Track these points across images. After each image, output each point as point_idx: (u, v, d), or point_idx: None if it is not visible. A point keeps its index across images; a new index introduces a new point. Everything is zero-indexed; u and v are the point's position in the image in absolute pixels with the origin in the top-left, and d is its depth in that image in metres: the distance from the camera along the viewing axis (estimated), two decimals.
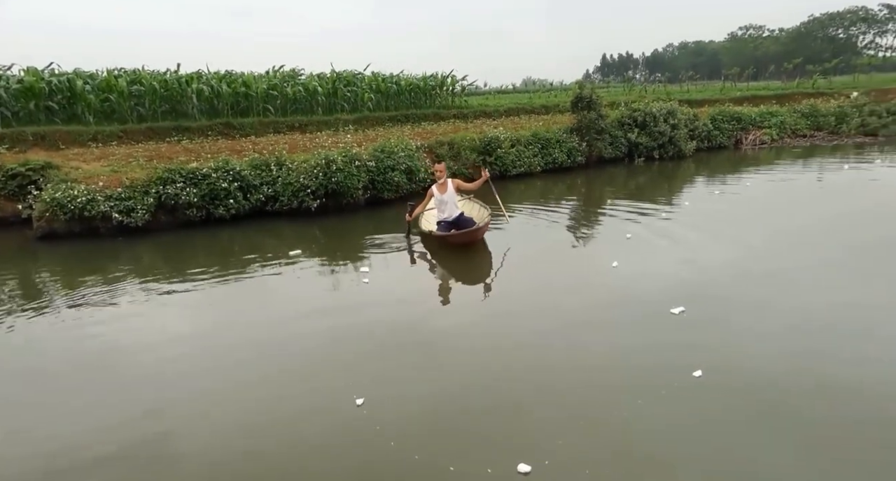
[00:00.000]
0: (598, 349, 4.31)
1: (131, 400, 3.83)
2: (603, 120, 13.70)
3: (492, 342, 4.53)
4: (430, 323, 5.02)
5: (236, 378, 4.12)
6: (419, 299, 5.67)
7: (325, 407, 3.65)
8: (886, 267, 5.83)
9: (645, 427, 3.29)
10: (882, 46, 77.48)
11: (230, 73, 16.83)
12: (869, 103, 18.83)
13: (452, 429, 3.37)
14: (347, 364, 4.25)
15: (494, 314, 5.20)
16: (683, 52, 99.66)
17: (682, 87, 32.85)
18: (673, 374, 3.80)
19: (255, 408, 3.69)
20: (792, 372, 3.80)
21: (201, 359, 4.45)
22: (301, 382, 4.02)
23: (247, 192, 9.02)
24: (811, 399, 3.51)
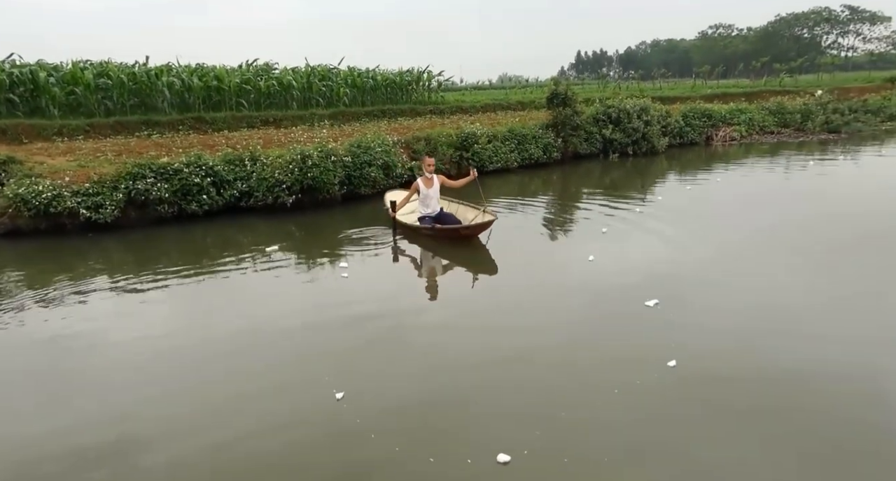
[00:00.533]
0: (576, 341, 4.38)
1: (97, 402, 3.74)
2: (578, 116, 13.84)
3: (470, 336, 4.56)
4: (409, 317, 5.02)
5: (211, 375, 4.06)
6: (398, 293, 5.67)
7: (304, 402, 3.63)
8: (853, 262, 6.05)
9: (621, 416, 3.36)
10: (844, 46, 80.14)
11: (201, 67, 16.47)
12: (832, 101, 19.45)
13: (432, 422, 3.39)
14: (327, 358, 4.23)
15: (472, 308, 5.23)
16: (656, 49, 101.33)
17: (655, 85, 33.42)
18: (648, 365, 3.88)
19: (232, 405, 3.64)
20: (763, 363, 3.92)
21: (174, 358, 4.35)
22: (279, 378, 3.98)
23: (220, 188, 8.85)
24: (780, 388, 3.62)
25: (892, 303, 4.87)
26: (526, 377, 3.85)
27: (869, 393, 3.52)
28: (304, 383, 3.88)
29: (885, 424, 3.22)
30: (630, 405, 3.46)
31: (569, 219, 8.63)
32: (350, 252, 7.03)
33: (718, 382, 3.68)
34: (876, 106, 20.21)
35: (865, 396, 3.50)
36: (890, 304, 4.83)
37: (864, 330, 4.36)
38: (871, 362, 3.88)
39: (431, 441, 3.20)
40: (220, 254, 7.17)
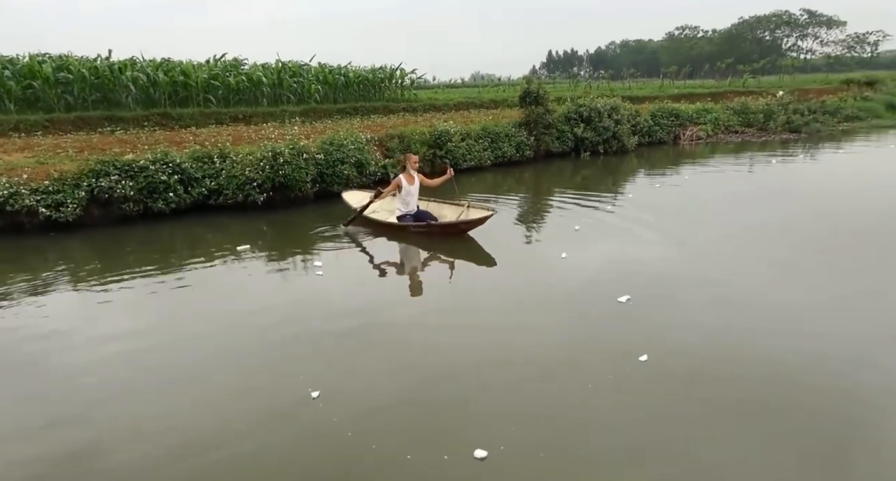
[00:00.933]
0: (549, 338, 4.42)
1: (57, 407, 3.62)
2: (550, 115, 13.98)
3: (444, 334, 4.57)
4: (384, 315, 4.99)
5: (180, 377, 3.96)
6: (373, 291, 5.64)
7: (279, 402, 3.58)
8: (820, 256, 6.28)
9: (595, 411, 3.41)
10: (803, 49, 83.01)
11: (167, 61, 16.02)
12: (793, 102, 20.11)
13: (409, 419, 3.38)
14: (301, 357, 4.19)
15: (446, 306, 5.24)
16: (625, 50, 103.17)
17: (625, 84, 34.00)
18: (620, 360, 3.95)
19: (202, 406, 3.58)
20: (733, 356, 4.03)
21: (140, 360, 4.23)
22: (252, 378, 3.92)
23: (188, 186, 8.64)
24: (749, 383, 3.73)
25: (863, 296, 5.05)
26: (500, 374, 3.87)
27: (838, 386, 3.65)
28: (279, 383, 3.83)
29: (849, 416, 3.35)
30: (604, 399, 3.52)
31: (542, 216, 8.71)
32: (324, 250, 6.95)
33: (689, 376, 3.78)
34: (833, 107, 20.98)
35: (834, 389, 3.63)
36: (860, 298, 5.01)
37: (820, 320, 4.53)
38: (832, 354, 4.03)
39: (408, 438, 3.19)
40: (188, 253, 7.00)
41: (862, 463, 2.95)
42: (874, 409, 3.38)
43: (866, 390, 3.56)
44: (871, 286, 5.25)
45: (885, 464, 2.94)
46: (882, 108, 22.83)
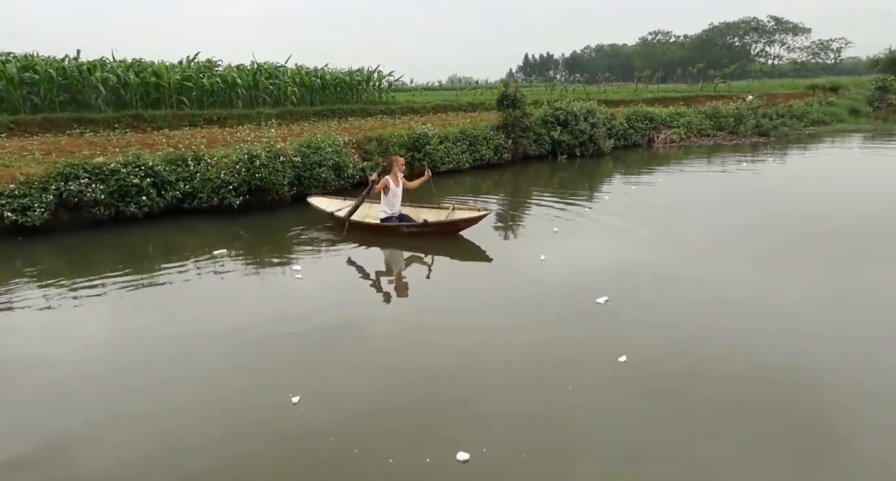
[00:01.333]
0: (529, 340, 4.44)
1: (24, 416, 3.51)
2: (527, 118, 14.09)
3: (424, 337, 4.56)
4: (363, 318, 4.96)
5: (155, 385, 3.87)
6: (353, 295, 5.59)
7: (258, 408, 3.53)
8: (787, 257, 6.44)
9: (575, 412, 3.44)
10: (770, 55, 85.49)
11: (139, 62, 15.65)
12: (762, 106, 20.67)
13: (390, 423, 3.37)
14: (282, 362, 4.14)
15: (426, 309, 5.23)
16: (600, 54, 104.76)
17: (600, 88, 34.49)
18: (599, 361, 4.00)
19: (180, 415, 3.50)
20: (709, 356, 4.11)
21: (114, 368, 4.12)
22: (231, 384, 3.86)
23: (161, 189, 8.46)
24: (728, 382, 3.81)
25: (838, 296, 5.20)
26: (482, 376, 3.89)
27: (808, 383, 3.76)
28: (258, 388, 3.77)
29: (810, 410, 3.45)
30: (584, 400, 3.55)
31: (521, 219, 8.77)
32: (303, 253, 6.89)
33: (666, 376, 3.84)
34: (800, 111, 21.63)
35: (805, 385, 3.73)
36: (836, 298, 5.16)
37: (794, 319, 4.66)
38: (808, 352, 4.14)
39: (390, 441, 3.17)
40: (162, 258, 6.86)
41: (827, 463, 3.04)
42: (844, 407, 3.48)
43: (840, 387, 3.68)
44: (848, 285, 5.42)
45: (860, 461, 3.03)
46: (845, 112, 23.66)
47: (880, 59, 40.14)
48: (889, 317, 4.72)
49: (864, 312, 4.79)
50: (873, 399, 3.52)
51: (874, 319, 4.65)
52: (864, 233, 7.23)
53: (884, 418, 3.34)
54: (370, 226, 7.57)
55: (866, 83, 30.84)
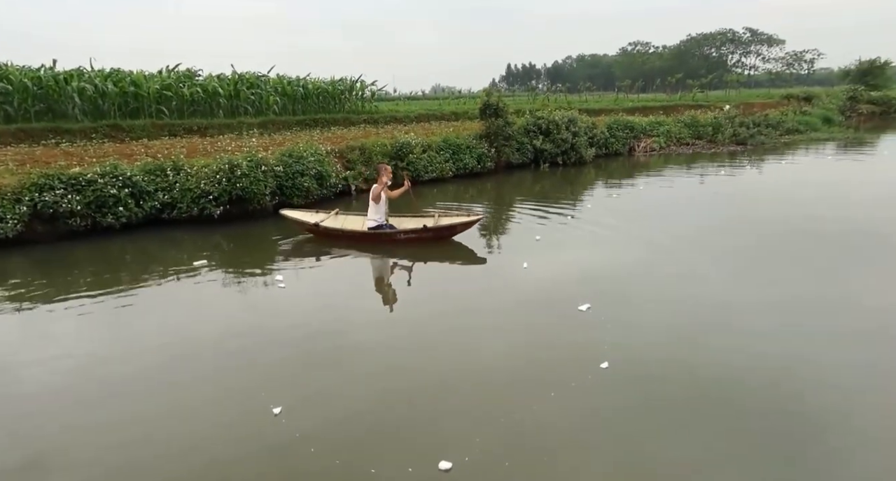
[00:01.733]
0: (512, 348, 4.45)
1: (5, 430, 3.40)
2: (510, 127, 14.19)
3: (408, 345, 4.54)
4: (346, 327, 4.92)
5: (134, 398, 3.79)
6: (334, 303, 5.54)
7: (241, 420, 3.49)
8: (763, 264, 6.55)
9: (559, 418, 3.44)
10: (746, 65, 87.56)
11: (117, 71, 15.48)
12: (738, 116, 21.10)
13: (372, 433, 3.33)
14: (263, 373, 4.09)
15: (408, 318, 5.21)
16: (581, 64, 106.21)
17: (581, 97, 34.98)
18: (582, 367, 4.01)
19: (161, 427, 3.43)
20: (690, 361, 4.15)
21: (91, 381, 4.05)
22: (211, 395, 3.81)
23: (140, 199, 8.33)
24: (705, 387, 3.84)
25: (813, 299, 5.29)
26: (463, 385, 3.88)
27: (790, 387, 3.80)
28: (239, 400, 3.72)
29: (807, 413, 3.49)
30: (566, 407, 3.55)
31: (503, 227, 8.80)
32: (285, 262, 6.83)
33: (648, 381, 3.86)
34: (776, 120, 22.12)
35: (785, 389, 3.78)
36: (810, 301, 5.24)
37: (787, 328, 4.72)
38: (795, 355, 4.20)
39: (372, 451, 3.14)
40: (141, 269, 6.74)
41: (806, 459, 3.08)
42: (822, 407, 3.53)
43: (830, 390, 3.73)
44: (827, 287, 5.52)
45: (833, 459, 3.07)
46: (819, 121, 24.24)
47: (850, 70, 41.45)
48: (867, 316, 4.81)
49: (844, 312, 4.88)
50: (857, 399, 3.58)
51: (854, 318, 4.74)
52: (840, 236, 7.39)
53: (871, 421, 3.39)
54: (367, 235, 7.48)
55: (838, 93, 31.74)
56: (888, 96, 34.45)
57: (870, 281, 5.75)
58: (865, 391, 3.70)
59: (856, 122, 28.23)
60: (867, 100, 32.27)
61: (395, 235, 7.43)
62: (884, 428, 3.33)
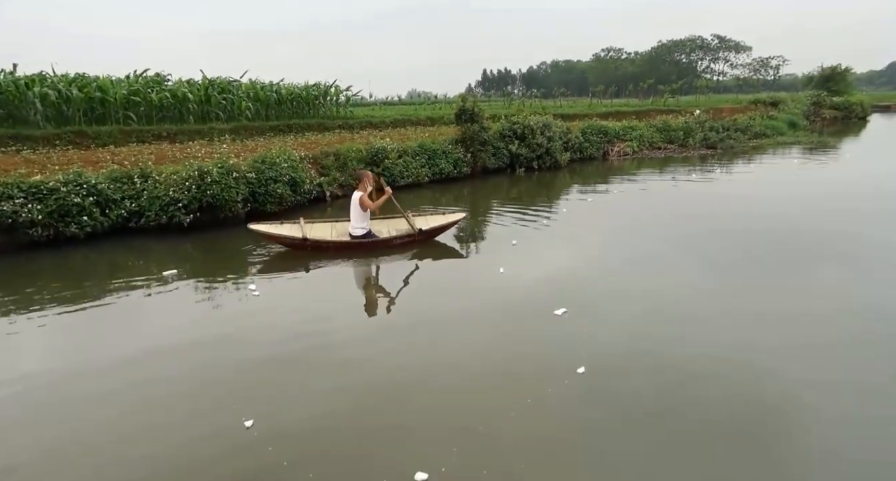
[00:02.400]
0: (489, 354, 4.40)
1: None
2: (485, 132, 14.23)
3: (383, 354, 4.46)
4: (319, 338, 4.80)
5: (101, 412, 3.66)
6: (308, 314, 5.41)
7: (210, 433, 3.39)
8: (744, 268, 6.64)
9: (535, 425, 3.41)
10: (715, 71, 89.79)
11: (82, 76, 15.03)
12: (708, 120, 21.57)
13: (346, 445, 3.26)
14: (234, 385, 3.98)
15: (385, 326, 5.13)
16: (555, 69, 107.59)
17: (556, 103, 35.29)
18: (559, 373, 3.99)
19: (127, 443, 3.31)
20: (666, 365, 4.16)
21: (56, 396, 3.89)
22: (181, 409, 3.69)
23: (105, 208, 8.07)
24: (682, 390, 3.85)
25: (790, 309, 5.35)
26: (441, 393, 3.82)
27: (763, 397, 3.84)
28: (209, 413, 3.61)
29: (779, 419, 3.51)
30: (544, 413, 3.53)
31: (480, 232, 8.78)
32: (258, 271, 6.66)
33: (625, 387, 3.85)
34: (744, 125, 22.67)
35: (758, 399, 3.81)
36: (787, 311, 5.31)
37: (761, 335, 4.77)
38: (768, 367, 4.24)
39: (346, 464, 3.07)
40: (107, 280, 6.50)
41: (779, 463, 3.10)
42: (797, 415, 3.57)
43: (791, 398, 3.77)
44: (799, 291, 5.62)
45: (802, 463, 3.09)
46: (785, 126, 24.95)
47: (814, 77, 42.80)
48: (831, 323, 4.90)
49: (807, 318, 4.97)
50: (821, 405, 3.63)
51: (819, 325, 4.82)
52: (812, 239, 7.56)
53: (835, 425, 3.43)
54: (361, 244, 7.28)
55: (802, 98, 32.71)
56: (849, 102, 35.71)
57: (835, 287, 5.88)
58: (829, 396, 3.76)
59: (819, 126, 29.15)
60: (830, 105, 33.37)
61: (391, 241, 7.37)
62: (847, 431, 3.37)
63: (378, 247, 7.35)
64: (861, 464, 3.05)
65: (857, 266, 6.39)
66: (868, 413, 3.51)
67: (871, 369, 4.04)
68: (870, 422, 3.42)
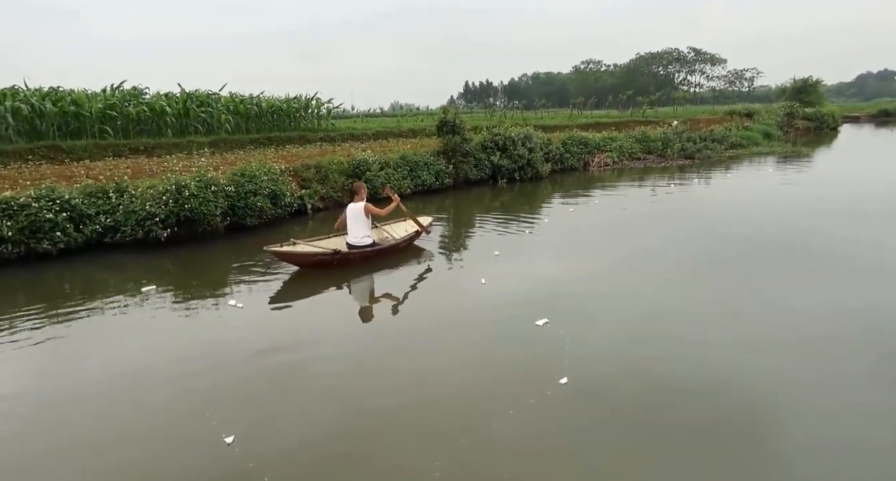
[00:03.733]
0: (471, 365, 4.37)
1: None
2: (467, 143, 14.29)
3: (364, 367, 4.41)
4: (300, 351, 4.73)
5: (77, 430, 3.58)
6: (287, 327, 5.34)
7: (190, 450, 3.34)
8: (724, 275, 6.72)
9: (519, 436, 3.38)
10: (692, 83, 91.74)
11: (56, 90, 14.79)
12: (686, 131, 21.97)
13: (328, 458, 3.23)
14: (214, 401, 3.90)
15: (366, 338, 5.08)
16: (536, 81, 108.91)
17: (537, 114, 35.69)
18: (541, 383, 3.97)
19: (106, 460, 3.24)
20: (647, 374, 4.16)
21: (32, 414, 3.80)
22: (159, 426, 3.62)
23: (79, 223, 7.89)
24: (663, 399, 3.85)
25: (763, 312, 5.41)
26: (424, 405, 3.78)
27: (744, 398, 3.85)
28: (189, 429, 3.55)
29: (761, 425, 3.53)
30: (527, 424, 3.50)
31: (462, 242, 8.77)
32: (238, 287, 6.56)
33: (608, 395, 3.85)
34: (720, 135, 23.13)
35: (740, 400, 3.83)
36: (760, 314, 5.37)
37: (740, 337, 4.81)
38: (749, 367, 4.27)
39: (330, 478, 3.04)
40: (82, 296, 6.34)
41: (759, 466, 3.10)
42: (773, 416, 3.59)
43: (791, 405, 3.80)
44: (777, 297, 5.69)
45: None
46: (760, 136, 25.51)
47: (787, 88, 43.96)
48: (806, 324, 4.96)
49: (783, 322, 5.03)
50: (797, 404, 3.65)
51: (794, 327, 4.88)
52: (786, 247, 7.68)
53: (810, 425, 3.45)
54: (380, 252, 7.50)
55: (776, 109, 33.55)
56: (820, 113, 36.69)
57: (808, 291, 5.97)
58: (805, 396, 3.79)
59: (793, 137, 29.88)
60: (802, 116, 34.27)
61: (398, 245, 7.71)
62: (822, 432, 3.40)
63: (384, 254, 7.54)
64: (840, 454, 3.08)
65: (831, 267, 6.50)
66: (843, 407, 3.56)
67: (848, 365, 4.09)
68: (845, 416, 3.47)
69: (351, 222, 7.29)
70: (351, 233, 7.29)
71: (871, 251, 7.27)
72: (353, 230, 7.27)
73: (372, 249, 7.36)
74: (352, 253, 7.19)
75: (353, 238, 7.27)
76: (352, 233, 7.28)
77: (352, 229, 7.29)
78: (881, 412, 3.58)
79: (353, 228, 7.28)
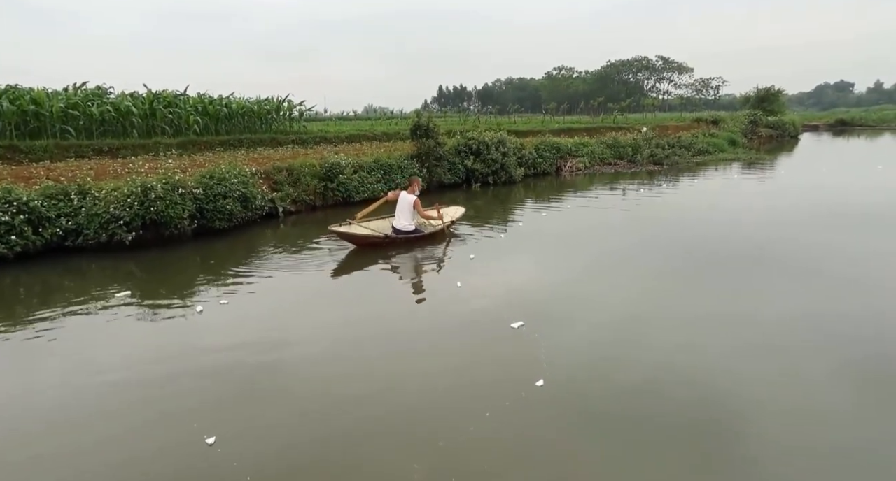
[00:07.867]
0: (448, 368, 4.35)
1: None
2: (441, 147, 14.30)
3: (343, 370, 4.37)
4: (277, 353, 4.66)
5: (50, 439, 3.45)
6: (263, 328, 5.22)
7: (171, 453, 3.29)
8: (684, 282, 6.85)
9: (495, 439, 3.38)
10: (661, 90, 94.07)
11: (14, 88, 14.22)
12: (655, 137, 22.45)
13: (310, 460, 3.22)
14: (193, 404, 3.84)
15: (344, 340, 5.01)
16: (510, 86, 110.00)
17: (510, 119, 35.96)
18: (517, 386, 3.97)
19: (87, 463, 3.16)
20: (622, 376, 4.21)
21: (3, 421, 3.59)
22: (138, 430, 3.54)
23: (38, 226, 7.58)
24: (639, 400, 3.89)
25: (734, 315, 5.53)
26: (401, 407, 3.75)
27: (713, 399, 3.92)
28: (169, 432, 3.49)
29: (728, 423, 3.59)
30: (503, 427, 3.50)
31: (437, 247, 8.74)
32: (206, 287, 6.40)
33: (582, 398, 3.87)
34: (688, 142, 23.71)
35: (709, 402, 3.89)
36: (732, 317, 5.48)
37: (709, 340, 4.90)
38: (717, 370, 4.35)
39: (311, 479, 3.03)
40: (41, 303, 6.08)
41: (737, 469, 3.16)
42: (736, 416, 3.66)
43: (745, 401, 3.87)
44: (748, 300, 5.82)
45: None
46: (725, 143, 26.23)
47: (750, 97, 45.36)
48: (770, 328, 5.09)
49: (751, 325, 5.15)
50: (767, 406, 3.73)
51: (760, 331, 5.00)
52: (750, 251, 7.89)
53: (780, 427, 3.53)
54: (422, 238, 8.54)
55: (741, 117, 34.56)
56: (782, 121, 37.96)
57: (772, 296, 6.14)
58: (774, 398, 3.88)
59: (757, 144, 30.84)
60: (766, 124, 35.40)
61: (434, 233, 8.65)
62: (791, 434, 3.48)
63: (426, 239, 8.59)
64: (804, 451, 3.17)
65: (793, 271, 6.70)
66: (808, 405, 3.67)
67: (809, 367, 4.21)
68: (809, 414, 3.57)
69: (399, 210, 8.38)
70: (398, 220, 8.40)
71: (836, 256, 7.52)
72: (400, 217, 8.38)
73: (413, 235, 8.45)
74: (399, 237, 8.34)
75: (399, 224, 8.38)
76: (398, 220, 8.40)
77: (399, 216, 8.38)
78: (840, 413, 3.69)
79: (400, 216, 8.38)
